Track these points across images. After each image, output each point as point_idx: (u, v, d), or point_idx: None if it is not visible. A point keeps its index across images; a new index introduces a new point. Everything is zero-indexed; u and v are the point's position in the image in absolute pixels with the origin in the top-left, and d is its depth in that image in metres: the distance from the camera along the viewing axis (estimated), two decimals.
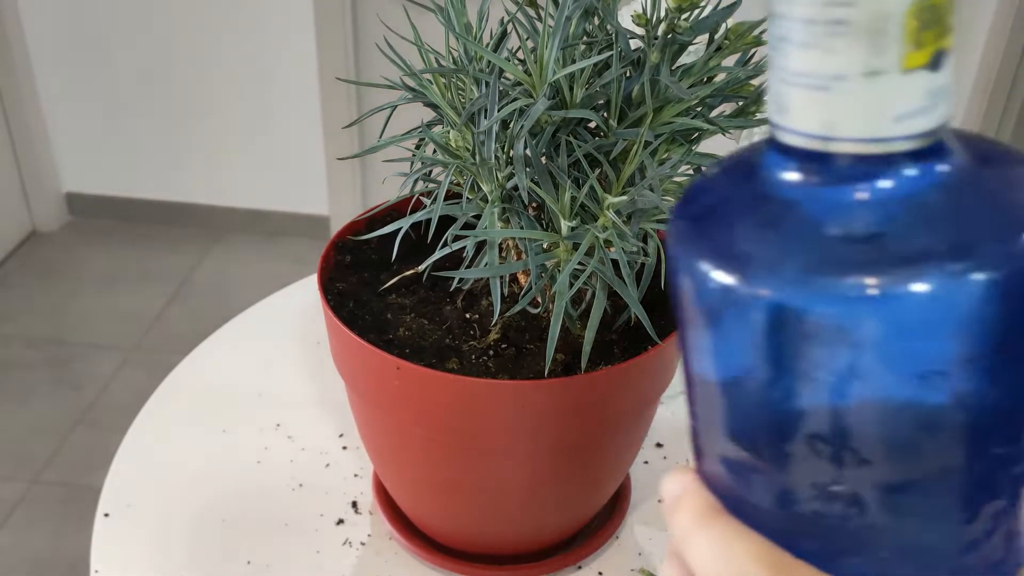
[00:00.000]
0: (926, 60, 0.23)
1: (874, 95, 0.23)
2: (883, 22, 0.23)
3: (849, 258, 0.23)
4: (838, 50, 0.23)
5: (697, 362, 0.27)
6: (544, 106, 0.46)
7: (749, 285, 0.24)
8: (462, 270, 0.50)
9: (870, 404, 0.24)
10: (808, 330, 0.24)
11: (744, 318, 0.24)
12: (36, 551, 1.61)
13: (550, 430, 0.53)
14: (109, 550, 0.64)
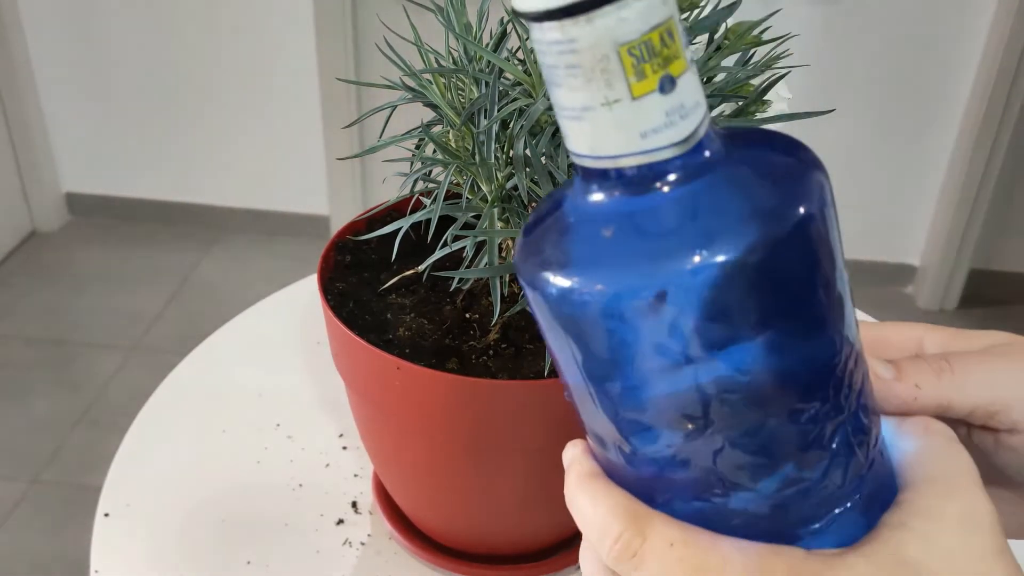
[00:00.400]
0: (654, 86, 0.27)
1: (616, 120, 0.27)
2: (604, 62, 0.26)
3: (612, 257, 0.28)
4: (578, 87, 0.27)
5: (554, 360, 0.33)
6: (544, 106, 0.46)
7: (544, 287, 0.29)
8: (462, 270, 0.50)
9: (679, 382, 0.29)
10: (595, 321, 0.28)
11: (553, 312, 0.29)
12: (36, 551, 1.61)
13: (550, 430, 0.52)
14: (109, 550, 0.64)
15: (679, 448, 0.30)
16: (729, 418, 0.29)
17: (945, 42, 2.05)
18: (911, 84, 2.10)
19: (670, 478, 0.31)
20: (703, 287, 0.27)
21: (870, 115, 2.13)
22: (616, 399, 0.30)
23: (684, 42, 0.27)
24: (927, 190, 2.22)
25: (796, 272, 0.28)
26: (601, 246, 0.29)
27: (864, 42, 2.06)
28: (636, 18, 0.26)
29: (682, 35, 0.27)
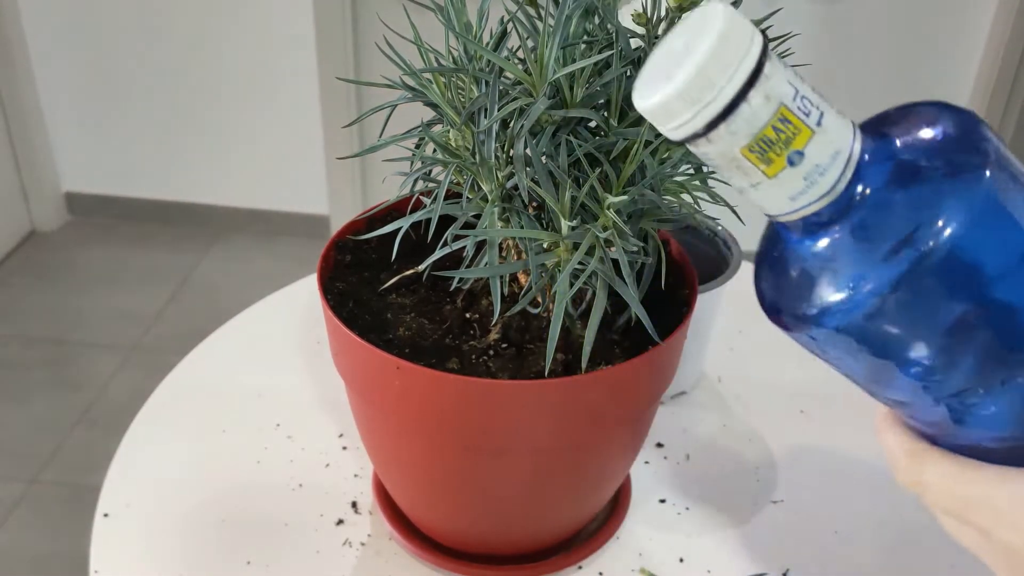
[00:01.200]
0: (783, 166, 0.32)
1: (764, 195, 0.34)
2: (735, 162, 0.33)
3: (798, 287, 0.36)
4: (729, 177, 0.35)
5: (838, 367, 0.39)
6: (544, 105, 0.46)
7: (824, 322, 0.35)
8: (462, 270, 0.50)
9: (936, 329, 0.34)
10: (876, 316, 0.33)
11: (839, 335, 0.35)
12: (36, 551, 1.61)
13: (550, 430, 0.52)
14: (109, 550, 0.64)
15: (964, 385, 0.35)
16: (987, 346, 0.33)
17: (946, 42, 2.05)
18: (912, 83, 2.10)
19: (949, 424, 0.37)
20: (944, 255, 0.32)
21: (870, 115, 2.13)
22: (910, 367, 0.35)
23: (804, 115, 0.32)
24: None
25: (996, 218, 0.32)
26: (829, 270, 0.34)
27: (865, 41, 2.06)
28: (745, 127, 0.32)
29: (798, 112, 0.32)
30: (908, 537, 0.68)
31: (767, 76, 0.32)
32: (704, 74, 0.31)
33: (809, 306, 0.34)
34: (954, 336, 0.33)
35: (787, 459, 0.74)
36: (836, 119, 0.33)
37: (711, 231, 0.77)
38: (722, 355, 0.84)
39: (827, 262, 0.34)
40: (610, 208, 0.47)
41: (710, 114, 0.32)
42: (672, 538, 0.67)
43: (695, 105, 0.32)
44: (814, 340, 0.36)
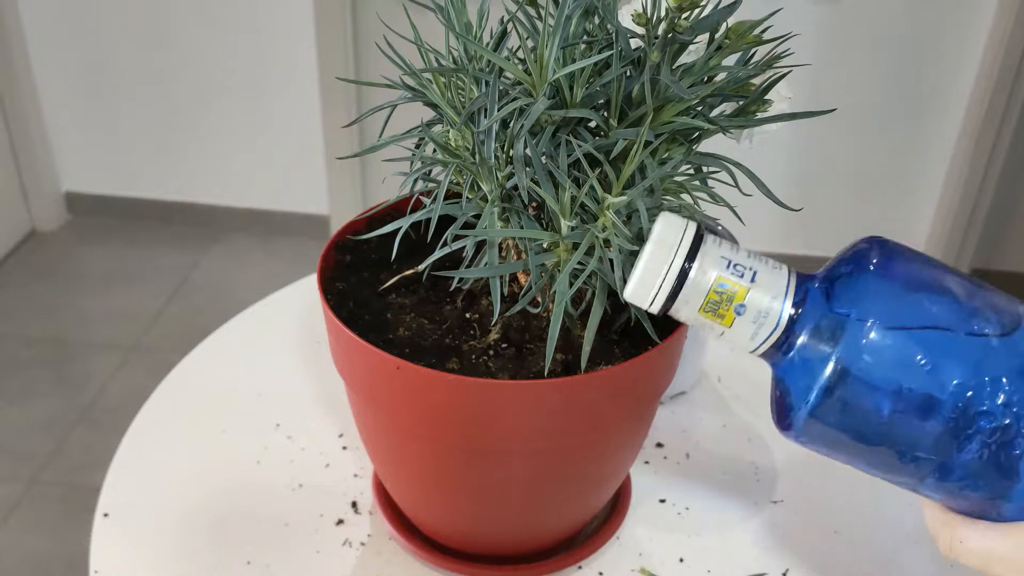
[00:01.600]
0: (734, 317, 0.43)
1: (732, 339, 0.44)
2: (699, 321, 0.44)
3: (780, 402, 0.44)
4: (704, 331, 0.45)
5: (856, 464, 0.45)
6: (544, 105, 0.46)
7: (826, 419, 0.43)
8: (462, 270, 0.50)
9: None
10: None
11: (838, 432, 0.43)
12: (36, 551, 1.61)
13: (550, 430, 0.52)
14: (109, 550, 0.64)
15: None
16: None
17: (946, 42, 2.05)
18: (912, 84, 2.10)
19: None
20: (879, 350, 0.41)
21: (870, 115, 2.13)
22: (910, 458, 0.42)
23: (738, 278, 0.42)
24: (928, 190, 2.22)
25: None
26: (792, 385, 0.43)
27: (865, 42, 2.06)
28: (694, 297, 0.42)
29: (732, 276, 0.42)
30: (908, 537, 0.68)
31: (701, 256, 0.42)
32: (648, 271, 0.43)
33: (786, 419, 0.43)
34: (899, 426, 0.40)
35: (787, 459, 0.74)
36: (769, 272, 0.43)
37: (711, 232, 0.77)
38: (722, 355, 0.84)
39: (790, 380, 0.43)
40: (609, 208, 0.47)
41: (663, 297, 0.43)
42: (672, 538, 0.67)
43: (651, 292, 0.43)
44: (807, 445, 0.44)
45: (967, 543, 0.43)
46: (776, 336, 0.42)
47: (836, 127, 2.13)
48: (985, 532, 0.42)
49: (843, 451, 0.42)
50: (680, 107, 0.47)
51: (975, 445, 0.40)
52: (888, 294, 0.41)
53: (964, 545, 0.43)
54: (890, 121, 2.14)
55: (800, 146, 2.16)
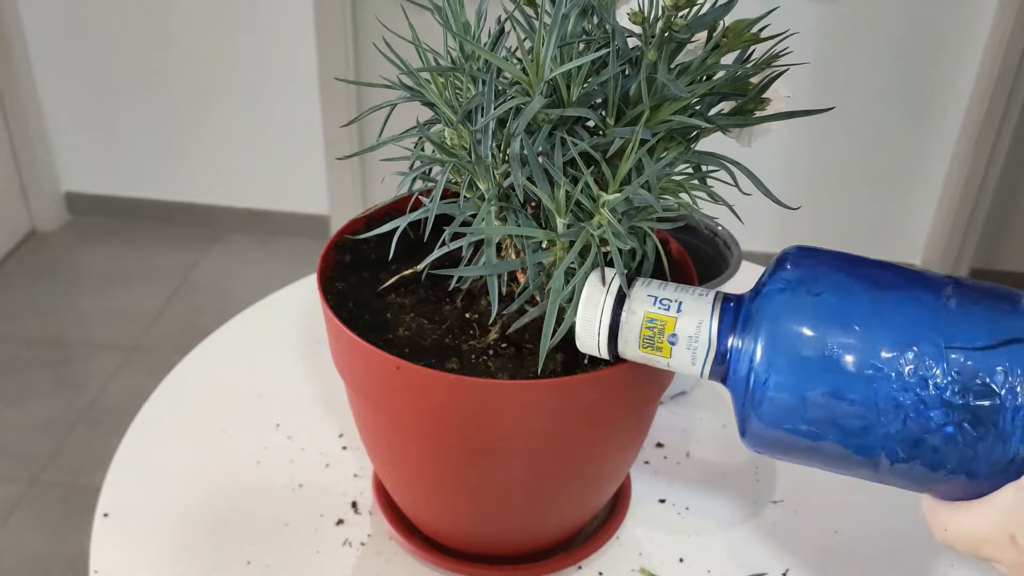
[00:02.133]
0: (670, 347, 0.45)
1: (679, 368, 0.46)
2: (645, 359, 0.47)
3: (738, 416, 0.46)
4: (654, 369, 0.49)
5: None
6: (541, 104, 0.46)
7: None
8: (460, 268, 0.50)
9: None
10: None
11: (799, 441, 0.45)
12: (36, 551, 1.61)
13: (550, 430, 0.52)
14: (109, 550, 0.64)
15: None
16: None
17: (946, 42, 2.05)
18: (912, 84, 2.10)
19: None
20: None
21: (870, 114, 2.13)
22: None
23: (664, 311, 0.45)
24: (928, 189, 2.22)
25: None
26: (738, 398, 0.45)
27: (864, 41, 2.06)
28: (630, 336, 0.46)
29: (660, 310, 0.45)
30: (908, 537, 0.68)
31: (629, 300, 0.46)
32: (584, 321, 0.47)
33: (740, 430, 0.45)
34: (832, 418, 0.42)
35: None
36: (695, 300, 0.45)
37: (711, 231, 0.77)
38: None
39: (733, 394, 0.45)
40: (605, 206, 0.47)
41: (604, 342, 0.47)
42: (672, 538, 0.67)
43: (593, 340, 0.47)
44: (765, 453, 0.45)
45: (950, 528, 0.42)
46: (711, 356, 0.45)
47: (836, 127, 2.13)
48: (963, 514, 0.41)
49: (796, 454, 0.44)
50: (677, 106, 0.47)
51: (910, 423, 0.40)
52: (798, 295, 0.43)
53: (948, 532, 0.42)
54: (890, 121, 2.14)
55: (800, 146, 2.16)
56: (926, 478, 0.42)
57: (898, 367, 0.40)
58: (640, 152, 0.46)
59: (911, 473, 0.42)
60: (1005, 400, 0.39)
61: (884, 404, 0.41)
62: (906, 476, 0.42)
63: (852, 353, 0.41)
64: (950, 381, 0.40)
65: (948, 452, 0.40)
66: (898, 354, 0.40)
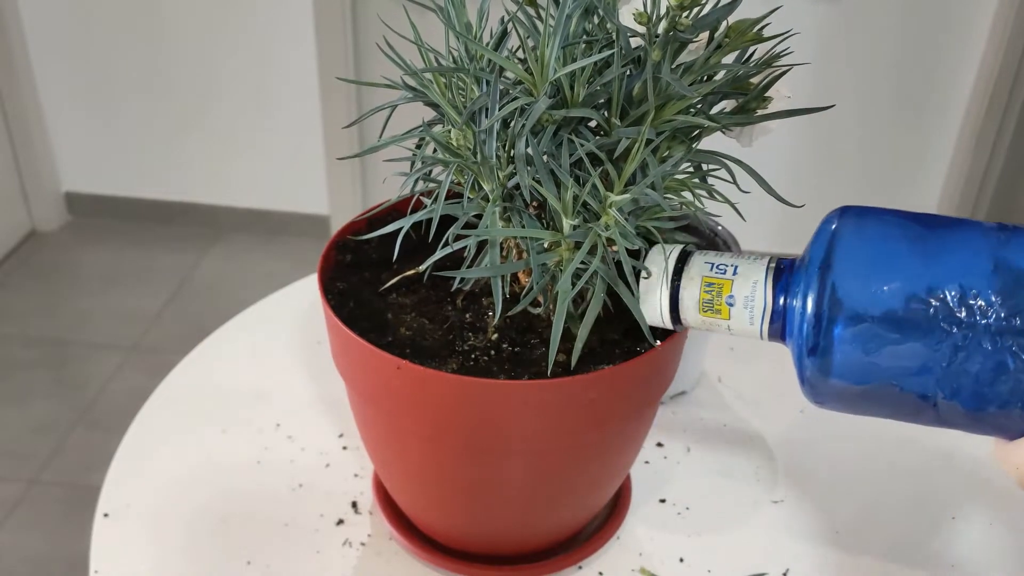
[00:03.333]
0: (728, 309, 0.47)
1: (738, 331, 0.48)
2: (705, 324, 0.48)
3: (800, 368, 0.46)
4: (715, 334, 0.53)
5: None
6: (545, 104, 0.46)
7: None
8: (463, 270, 0.50)
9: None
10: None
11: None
12: (36, 551, 1.61)
13: (550, 430, 0.52)
14: (109, 550, 0.64)
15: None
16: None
17: (946, 41, 2.05)
18: (912, 83, 2.10)
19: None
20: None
21: (870, 114, 2.13)
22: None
23: (721, 274, 0.47)
24: (928, 189, 2.22)
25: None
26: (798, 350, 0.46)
27: (865, 41, 2.06)
28: (693, 307, 0.48)
29: (716, 274, 0.47)
30: (908, 537, 0.68)
31: (687, 268, 0.48)
32: (647, 294, 0.49)
33: (806, 388, 0.45)
34: (896, 360, 0.42)
35: (787, 459, 0.74)
36: (748, 264, 0.47)
37: (712, 231, 0.77)
38: (722, 355, 0.84)
39: (796, 351, 0.45)
40: (612, 207, 0.47)
41: (667, 310, 0.49)
42: (672, 538, 0.67)
43: (656, 310, 0.49)
44: (834, 407, 0.46)
45: (1022, 467, 0.42)
46: (768, 314, 0.46)
47: (836, 126, 2.13)
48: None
49: (857, 401, 0.44)
50: (681, 105, 0.47)
51: (965, 357, 0.41)
52: (854, 241, 0.44)
53: (1021, 470, 0.42)
54: (890, 120, 2.14)
55: (800, 145, 2.16)
56: (988, 415, 0.42)
57: (950, 300, 0.41)
58: (645, 152, 0.46)
59: (973, 411, 0.42)
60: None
61: (940, 339, 0.41)
62: (968, 415, 0.42)
63: (905, 291, 0.42)
64: (999, 306, 0.41)
65: (1005, 383, 0.41)
66: (950, 287, 0.41)
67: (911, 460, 0.75)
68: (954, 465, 0.74)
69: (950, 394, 0.42)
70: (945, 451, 0.75)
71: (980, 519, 0.69)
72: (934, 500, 0.71)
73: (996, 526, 0.69)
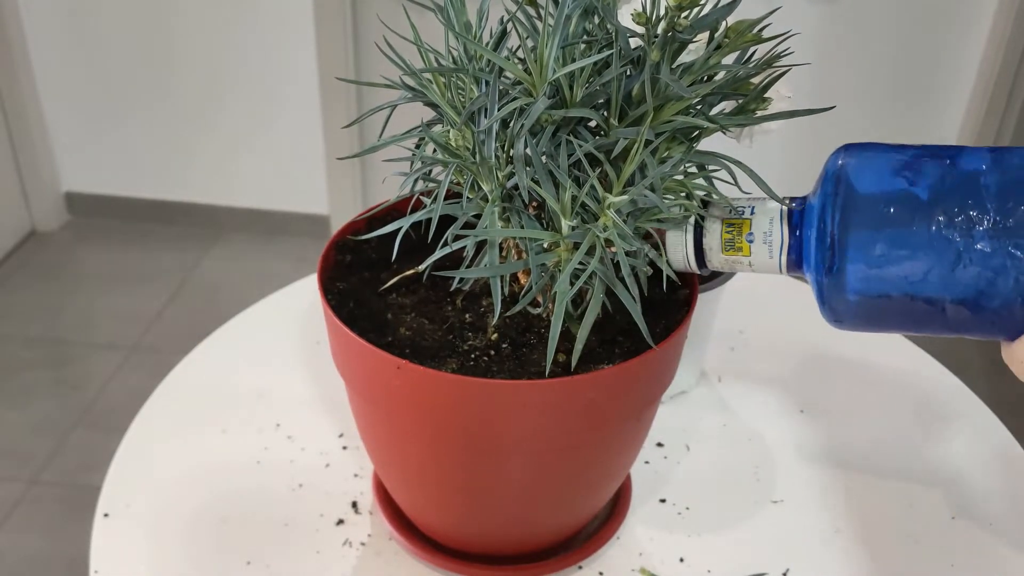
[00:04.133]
0: (748, 245, 0.51)
1: (760, 266, 0.52)
2: (728, 264, 0.52)
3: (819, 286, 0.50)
4: (738, 272, 0.57)
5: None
6: (544, 105, 0.46)
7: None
8: (462, 270, 0.50)
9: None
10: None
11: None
12: (35, 551, 1.61)
13: (550, 430, 0.52)
14: (109, 550, 0.64)
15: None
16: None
17: (946, 41, 2.05)
18: (912, 83, 2.10)
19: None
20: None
21: (871, 114, 2.13)
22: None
23: (739, 215, 0.51)
24: None
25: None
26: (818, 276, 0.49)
27: (865, 41, 2.06)
28: (716, 247, 0.52)
29: (734, 215, 0.51)
30: (908, 537, 0.68)
31: (709, 212, 0.52)
32: (673, 236, 0.52)
33: (830, 308, 0.49)
34: (916, 260, 0.46)
35: (787, 459, 0.74)
36: (765, 203, 0.51)
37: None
38: (722, 355, 0.84)
39: (819, 276, 0.49)
40: (610, 208, 0.47)
41: (692, 253, 0.52)
42: (672, 538, 0.67)
43: (680, 254, 0.53)
44: (859, 325, 0.49)
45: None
46: (787, 246, 0.50)
47: (836, 126, 2.13)
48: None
49: (874, 316, 0.48)
50: (680, 106, 0.47)
51: (967, 262, 0.45)
52: (859, 168, 0.48)
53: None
54: (890, 121, 2.14)
55: (800, 145, 2.16)
56: (991, 314, 0.46)
57: (950, 211, 0.45)
58: (644, 153, 0.46)
59: (977, 312, 0.46)
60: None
61: (943, 248, 0.45)
62: (974, 318, 0.46)
63: (908, 207, 0.46)
64: (994, 211, 0.44)
65: (1005, 281, 0.45)
66: (949, 200, 0.45)
67: (911, 460, 0.75)
68: (954, 465, 0.74)
69: (956, 297, 0.45)
70: (945, 451, 0.75)
71: (980, 519, 0.69)
72: (934, 500, 0.71)
73: (996, 526, 0.69)
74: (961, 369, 0.85)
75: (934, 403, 0.80)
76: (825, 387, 0.82)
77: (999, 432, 0.77)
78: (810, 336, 0.87)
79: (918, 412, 0.79)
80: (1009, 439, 0.76)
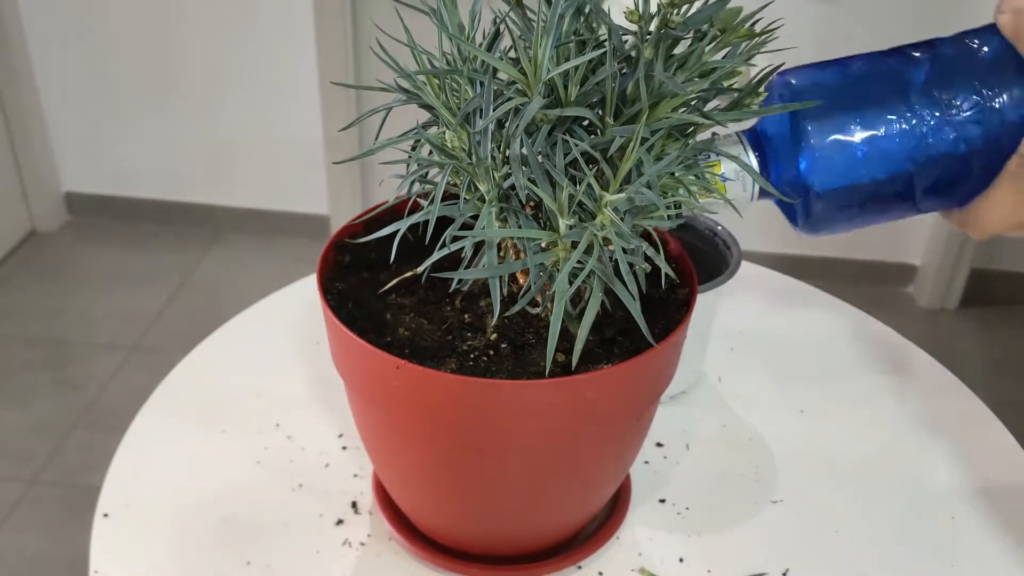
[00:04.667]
0: (723, 184, 0.55)
1: (737, 202, 0.55)
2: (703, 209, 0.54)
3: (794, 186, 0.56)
4: (722, 210, 0.57)
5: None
6: (539, 105, 0.46)
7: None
8: (461, 271, 0.50)
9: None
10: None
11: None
12: (35, 551, 1.61)
13: (550, 430, 0.52)
14: (108, 550, 0.64)
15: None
16: None
17: None
18: None
19: None
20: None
21: None
22: None
23: (706, 158, 0.52)
24: None
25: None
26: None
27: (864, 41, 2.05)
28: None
29: (703, 158, 0.52)
30: (908, 536, 0.68)
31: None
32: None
33: (802, 214, 0.55)
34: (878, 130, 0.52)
35: (787, 459, 0.74)
36: (725, 145, 0.56)
37: (710, 231, 0.77)
38: (722, 355, 0.84)
39: (791, 188, 0.54)
40: (608, 206, 0.47)
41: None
42: (672, 538, 0.67)
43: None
44: (833, 223, 0.55)
45: (985, 229, 0.52)
46: (756, 175, 0.53)
47: None
48: (983, 202, 0.51)
49: (846, 210, 0.54)
50: (675, 102, 0.47)
51: (924, 142, 0.51)
52: (800, 68, 0.54)
53: (985, 233, 0.52)
54: None
55: None
56: (951, 190, 0.52)
57: (905, 103, 0.51)
58: (640, 151, 0.46)
59: (937, 187, 0.52)
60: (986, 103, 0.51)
61: (891, 132, 0.51)
62: (934, 193, 0.52)
63: (847, 88, 0.52)
64: (930, 83, 0.51)
65: (957, 158, 0.51)
66: (886, 78, 0.52)
67: (911, 460, 0.75)
68: (954, 465, 0.74)
69: (904, 170, 0.52)
70: (945, 451, 0.75)
71: (980, 519, 0.69)
72: (934, 500, 0.71)
73: (996, 526, 0.69)
74: (961, 369, 0.85)
75: (934, 403, 0.80)
76: (825, 387, 0.82)
77: (999, 432, 0.77)
78: (810, 336, 0.87)
79: (918, 412, 0.79)
80: (1009, 439, 0.76)
